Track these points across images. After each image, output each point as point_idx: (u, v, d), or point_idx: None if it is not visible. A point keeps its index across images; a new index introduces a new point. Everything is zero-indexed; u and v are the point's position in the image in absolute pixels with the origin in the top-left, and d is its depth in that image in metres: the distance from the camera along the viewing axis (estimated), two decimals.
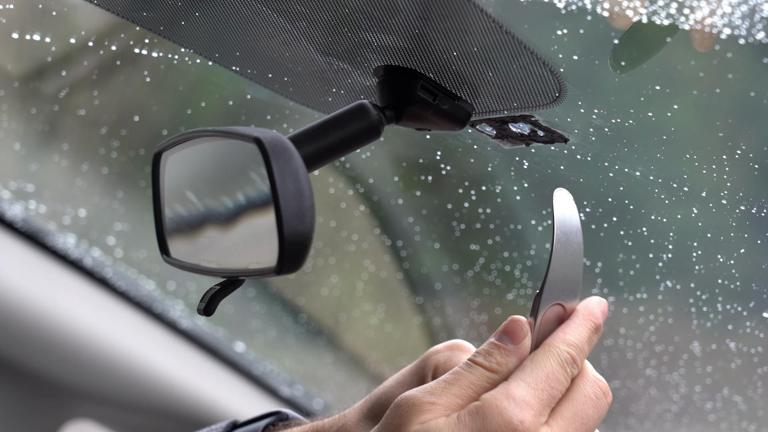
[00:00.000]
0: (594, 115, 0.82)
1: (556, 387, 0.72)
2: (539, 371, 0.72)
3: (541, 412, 0.70)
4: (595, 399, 0.73)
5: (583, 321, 0.76)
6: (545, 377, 0.72)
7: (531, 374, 0.72)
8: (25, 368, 1.58)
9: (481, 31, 0.71)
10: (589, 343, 0.75)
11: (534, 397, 0.70)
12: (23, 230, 1.51)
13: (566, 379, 0.73)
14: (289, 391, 1.73)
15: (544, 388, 0.71)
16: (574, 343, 0.74)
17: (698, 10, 0.65)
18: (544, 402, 0.71)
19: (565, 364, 0.73)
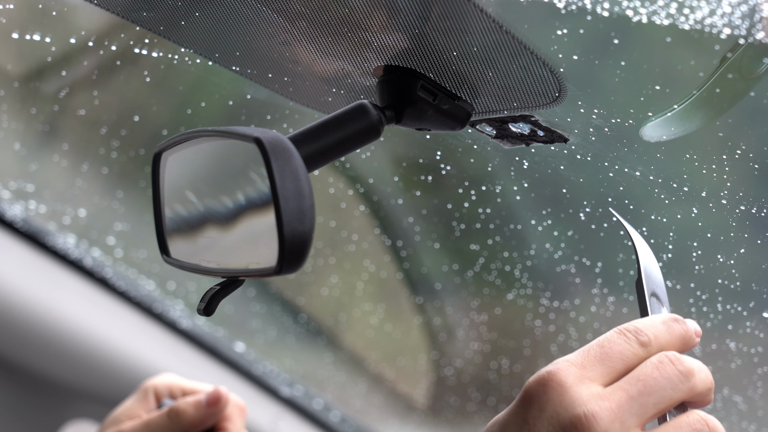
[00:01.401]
0: (594, 115, 0.82)
1: (609, 347, 0.67)
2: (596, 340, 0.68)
3: (584, 365, 0.66)
4: (658, 363, 0.66)
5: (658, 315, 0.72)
6: (597, 342, 0.68)
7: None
8: (25, 368, 1.58)
9: (481, 31, 0.71)
10: (666, 327, 0.70)
11: (579, 355, 0.67)
12: (23, 230, 1.51)
13: (626, 342, 0.67)
14: (289, 391, 1.73)
15: (592, 348, 0.67)
16: (642, 322, 0.70)
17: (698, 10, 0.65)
18: (592, 360, 0.66)
19: (625, 331, 0.68)
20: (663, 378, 0.66)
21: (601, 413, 0.63)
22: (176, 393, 1.03)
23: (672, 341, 0.69)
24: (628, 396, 0.64)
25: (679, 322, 0.71)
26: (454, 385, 1.70)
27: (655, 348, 0.68)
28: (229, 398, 1.00)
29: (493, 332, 1.58)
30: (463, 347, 1.65)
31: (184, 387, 1.04)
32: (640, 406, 0.65)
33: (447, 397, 1.74)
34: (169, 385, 1.04)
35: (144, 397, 1.02)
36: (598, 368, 0.66)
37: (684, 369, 0.67)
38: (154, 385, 1.03)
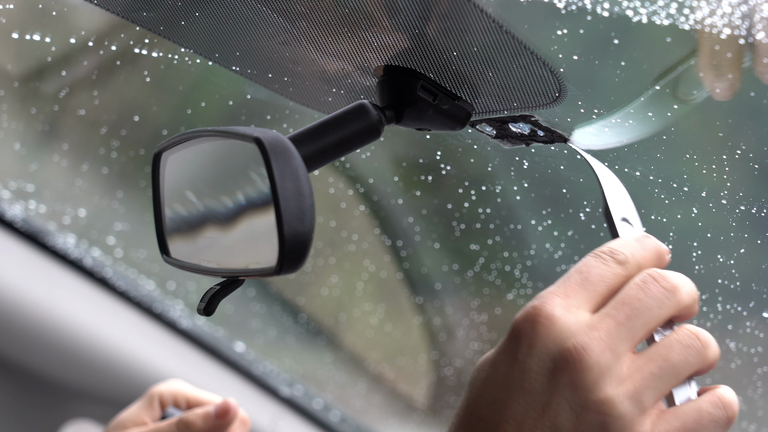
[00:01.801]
0: (594, 115, 0.82)
1: (587, 271, 0.65)
2: (573, 268, 0.67)
3: (567, 294, 0.64)
4: (642, 283, 0.64)
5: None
6: (574, 269, 0.66)
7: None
8: (25, 368, 1.58)
9: (481, 31, 0.71)
10: (640, 243, 0.67)
11: (560, 285, 0.65)
12: (23, 230, 1.51)
13: (603, 264, 0.65)
14: (289, 391, 1.73)
15: (571, 275, 0.65)
16: (616, 242, 0.67)
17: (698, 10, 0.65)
18: (573, 287, 0.65)
19: (600, 254, 0.66)
20: (648, 298, 0.64)
21: (591, 343, 0.62)
22: (180, 401, 1.04)
23: (648, 257, 0.67)
24: (616, 322, 0.63)
25: (650, 237, 0.69)
26: (454, 385, 1.70)
27: (633, 265, 0.66)
28: (238, 411, 1.01)
29: (493, 332, 1.58)
30: (463, 347, 1.65)
31: (188, 396, 1.05)
32: (629, 330, 0.63)
33: (447, 397, 1.74)
34: (175, 392, 1.05)
35: (149, 403, 1.03)
36: (582, 294, 0.64)
37: (668, 285, 0.65)
38: (160, 392, 1.04)
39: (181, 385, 1.06)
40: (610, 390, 0.61)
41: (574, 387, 0.61)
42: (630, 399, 0.61)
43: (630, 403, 0.61)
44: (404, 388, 1.79)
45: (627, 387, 0.61)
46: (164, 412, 1.03)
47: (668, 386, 0.63)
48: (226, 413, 1.00)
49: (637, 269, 0.66)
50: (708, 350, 0.65)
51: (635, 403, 0.61)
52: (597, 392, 0.61)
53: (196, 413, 1.00)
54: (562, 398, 0.61)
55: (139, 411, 1.03)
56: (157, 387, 1.05)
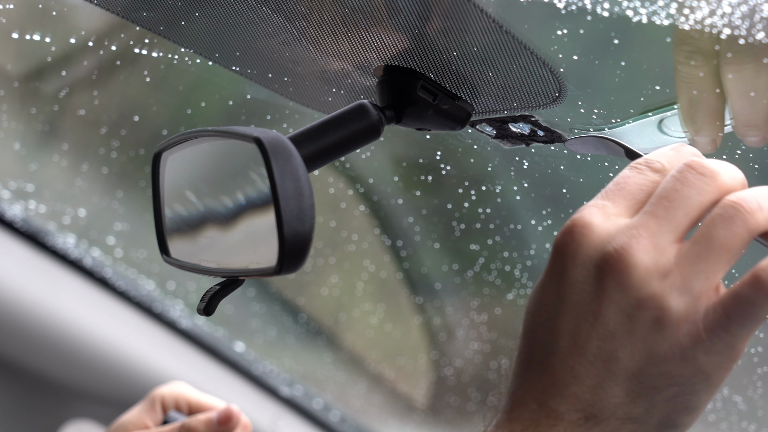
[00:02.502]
0: (594, 115, 0.82)
1: (624, 181, 0.63)
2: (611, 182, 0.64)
3: (605, 205, 0.62)
4: (678, 174, 0.61)
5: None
6: (612, 182, 0.63)
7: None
8: (25, 368, 1.58)
9: (481, 31, 0.71)
10: (675, 151, 0.64)
11: (598, 198, 0.63)
12: (23, 230, 1.51)
13: (639, 174, 0.63)
14: (288, 391, 1.73)
15: (609, 188, 0.63)
16: (651, 154, 0.64)
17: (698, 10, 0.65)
18: (612, 197, 0.62)
19: (636, 165, 0.63)
20: (686, 187, 0.60)
21: (631, 242, 0.59)
22: (182, 405, 1.04)
23: (684, 162, 0.63)
24: (655, 217, 0.60)
25: (686, 146, 0.66)
26: (454, 385, 1.70)
27: (668, 176, 0.62)
28: (241, 417, 1.01)
29: (493, 332, 1.58)
30: (463, 347, 1.65)
31: (190, 399, 1.04)
32: (669, 222, 0.60)
33: (447, 397, 1.74)
34: (177, 396, 1.04)
35: (151, 406, 1.03)
36: (621, 203, 0.62)
37: (707, 170, 0.61)
38: (162, 395, 1.04)
39: (183, 388, 1.05)
40: (656, 285, 0.58)
41: (621, 289, 0.59)
42: (679, 289, 0.59)
43: (679, 294, 0.59)
44: (404, 388, 1.79)
45: (674, 278, 0.59)
46: (166, 415, 1.03)
47: (720, 266, 0.60)
48: (229, 419, 1.00)
49: (671, 177, 0.63)
50: (756, 215, 0.60)
51: (686, 292, 0.59)
52: (644, 289, 0.58)
53: (199, 419, 1.00)
54: (611, 303, 0.59)
55: (141, 414, 1.02)
56: (159, 390, 1.05)
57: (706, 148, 0.74)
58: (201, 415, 1.00)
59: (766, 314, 0.60)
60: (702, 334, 0.59)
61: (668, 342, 0.59)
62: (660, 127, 0.78)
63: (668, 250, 0.59)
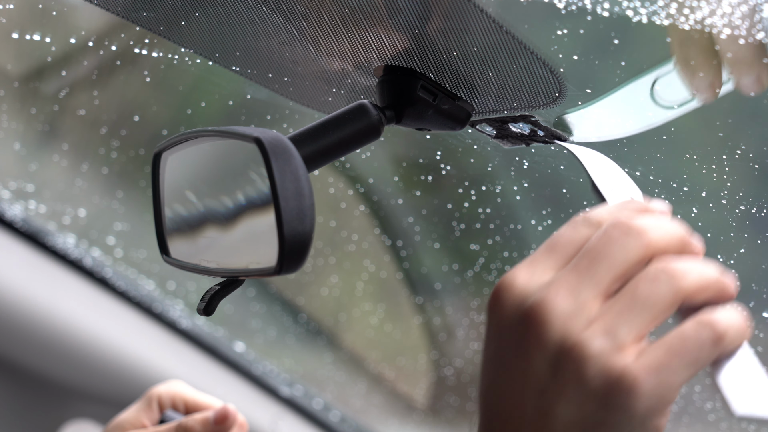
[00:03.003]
0: None
1: (555, 239, 0.62)
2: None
3: (532, 263, 0.62)
4: (603, 232, 0.61)
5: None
6: (547, 240, 0.63)
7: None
8: (25, 368, 1.58)
9: (481, 31, 0.71)
10: (619, 206, 0.64)
11: (529, 257, 0.63)
12: (23, 230, 1.51)
13: (573, 228, 0.62)
14: (288, 391, 1.73)
15: (541, 246, 0.63)
16: (593, 209, 0.64)
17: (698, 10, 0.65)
18: (540, 255, 0.62)
19: (573, 220, 0.63)
20: (609, 243, 0.60)
21: (549, 296, 0.59)
22: (179, 404, 1.04)
23: (619, 215, 0.63)
24: (576, 272, 0.60)
25: (632, 201, 0.65)
26: (454, 385, 1.70)
27: (605, 225, 0.62)
28: (237, 416, 1.01)
29: None
30: (463, 347, 1.65)
31: (187, 398, 1.04)
32: (591, 277, 0.59)
33: (447, 397, 1.74)
34: (174, 394, 1.04)
35: (148, 405, 1.03)
36: (547, 260, 0.62)
37: (633, 228, 0.61)
38: (159, 393, 1.04)
39: (180, 387, 1.05)
40: (577, 334, 0.58)
41: (542, 343, 0.59)
42: (602, 337, 0.58)
43: (603, 341, 0.58)
44: (404, 388, 1.79)
45: (596, 326, 0.58)
46: (163, 414, 1.03)
47: (644, 320, 0.59)
48: (225, 419, 1.00)
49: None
50: (682, 279, 0.60)
51: (609, 340, 0.58)
52: (565, 340, 0.58)
53: (195, 419, 1.00)
54: (536, 358, 0.59)
55: (138, 413, 1.02)
56: (156, 388, 1.04)
57: (706, 92, 0.73)
58: (197, 414, 1.00)
59: (700, 363, 0.62)
60: (629, 382, 0.58)
61: (595, 391, 0.58)
62: (653, 94, 0.77)
63: (590, 303, 0.59)
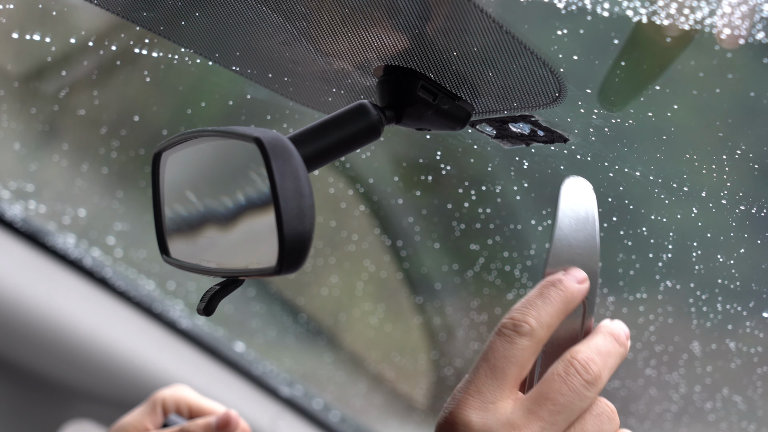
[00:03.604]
0: (594, 115, 0.82)
1: (494, 356, 0.66)
2: (481, 352, 0.69)
3: (480, 391, 0.66)
4: (565, 375, 0.66)
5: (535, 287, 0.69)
6: (482, 354, 0.68)
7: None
8: (25, 368, 1.58)
9: (481, 31, 0.71)
10: (542, 300, 0.68)
11: (472, 381, 0.67)
12: (23, 230, 1.51)
13: (508, 343, 0.66)
14: (288, 391, 1.73)
15: (480, 366, 0.67)
16: (516, 307, 0.68)
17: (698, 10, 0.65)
18: (483, 380, 0.66)
19: (503, 330, 0.67)
20: (571, 392, 0.66)
21: None
22: (183, 408, 1.04)
23: (554, 314, 0.68)
24: (539, 419, 0.65)
25: (556, 284, 0.69)
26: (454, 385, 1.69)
27: (541, 332, 0.67)
28: (239, 422, 1.01)
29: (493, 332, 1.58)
30: (463, 347, 1.65)
31: (191, 403, 1.05)
32: (552, 425, 0.65)
33: (447, 397, 1.74)
34: (178, 399, 1.04)
35: (152, 409, 1.03)
36: (493, 385, 0.66)
37: (591, 377, 0.67)
38: (164, 397, 1.04)
39: (185, 392, 1.05)
40: None
41: None
42: None
43: None
44: (404, 388, 1.79)
45: None
46: (166, 418, 1.03)
47: None
48: (227, 424, 1.00)
49: (547, 332, 0.67)
50: (615, 415, 0.67)
51: None
52: None
53: (197, 423, 1.00)
54: None
55: (142, 416, 1.03)
56: (160, 392, 1.05)
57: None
58: (200, 419, 1.01)
59: None
60: None
61: None
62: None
63: None
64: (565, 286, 0.69)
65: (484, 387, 0.66)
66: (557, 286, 0.69)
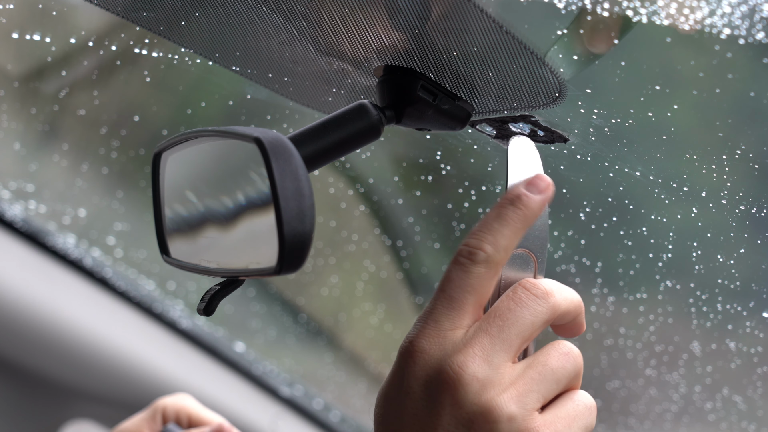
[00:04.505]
0: (594, 115, 0.82)
1: (450, 287, 0.66)
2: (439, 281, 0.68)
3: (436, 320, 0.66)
4: (512, 294, 0.66)
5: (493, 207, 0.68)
6: (440, 285, 0.67)
7: None
8: (25, 368, 1.58)
9: (481, 31, 0.71)
10: (500, 220, 0.67)
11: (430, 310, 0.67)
12: (23, 230, 1.51)
13: (462, 271, 0.66)
14: (289, 391, 1.73)
15: (437, 296, 0.67)
16: (474, 231, 0.67)
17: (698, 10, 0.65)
18: (440, 309, 0.66)
19: (459, 258, 0.67)
20: (519, 307, 0.66)
21: (466, 360, 0.64)
22: (183, 418, 1.04)
23: (512, 235, 0.67)
24: (489, 335, 0.65)
25: (515, 201, 0.67)
26: None
27: (496, 258, 0.66)
28: None
29: None
30: None
31: (191, 413, 1.05)
32: (503, 341, 0.65)
33: None
34: (178, 408, 1.05)
35: (152, 417, 1.03)
36: (450, 315, 0.66)
37: (540, 291, 0.66)
38: (164, 406, 1.04)
39: (186, 401, 1.06)
40: (493, 398, 0.64)
41: (458, 404, 0.64)
42: (515, 402, 0.64)
43: (516, 406, 0.64)
44: None
45: (511, 392, 0.64)
46: (164, 427, 1.04)
47: (550, 390, 0.66)
48: None
49: (504, 255, 0.67)
50: (580, 358, 0.68)
51: (521, 405, 0.64)
52: (481, 403, 0.63)
53: None
54: (451, 417, 0.64)
55: (141, 423, 1.03)
56: (162, 400, 1.05)
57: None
58: (193, 430, 1.01)
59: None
60: None
61: None
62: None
63: (502, 367, 0.65)
64: (524, 203, 0.67)
65: (441, 317, 0.66)
66: (515, 204, 0.68)
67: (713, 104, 0.88)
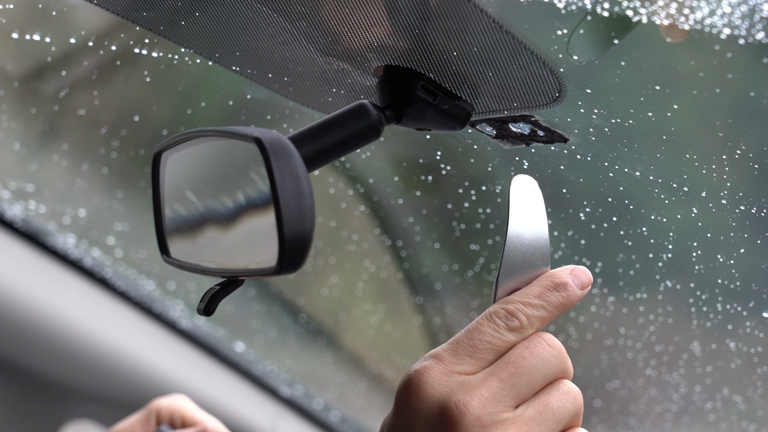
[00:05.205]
0: (594, 115, 0.82)
1: (478, 338, 0.67)
2: (465, 328, 0.69)
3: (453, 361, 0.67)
4: (529, 344, 0.67)
5: (536, 282, 0.70)
6: (466, 331, 0.68)
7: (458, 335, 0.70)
8: (25, 368, 1.58)
9: (481, 31, 0.71)
10: (542, 301, 0.68)
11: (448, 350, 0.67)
12: (23, 230, 1.51)
13: (495, 331, 0.67)
14: (289, 391, 1.73)
15: (461, 340, 0.68)
16: (514, 299, 0.69)
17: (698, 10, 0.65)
18: (460, 354, 0.67)
19: (495, 318, 0.68)
20: (534, 357, 0.66)
21: (471, 401, 0.64)
22: (177, 419, 1.04)
23: (547, 317, 0.69)
24: (498, 379, 0.66)
25: (560, 288, 0.69)
26: None
27: (529, 332, 0.68)
28: None
29: None
30: None
31: (185, 415, 1.05)
32: (512, 387, 0.66)
33: None
34: (173, 410, 1.05)
35: (147, 418, 1.04)
36: (468, 361, 0.67)
37: (556, 344, 0.68)
38: (158, 407, 1.04)
39: (182, 403, 1.06)
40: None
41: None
42: None
43: None
44: None
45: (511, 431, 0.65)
46: (157, 429, 1.04)
47: (551, 430, 0.66)
48: None
49: (534, 331, 0.68)
50: (580, 398, 0.68)
51: None
52: None
53: None
54: None
55: (135, 424, 1.03)
56: (157, 401, 1.05)
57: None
58: (183, 431, 1.01)
59: None
60: None
61: None
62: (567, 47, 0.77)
63: (506, 412, 0.65)
64: (568, 294, 0.69)
65: (458, 360, 0.67)
66: (560, 290, 0.69)
67: (713, 104, 0.87)
